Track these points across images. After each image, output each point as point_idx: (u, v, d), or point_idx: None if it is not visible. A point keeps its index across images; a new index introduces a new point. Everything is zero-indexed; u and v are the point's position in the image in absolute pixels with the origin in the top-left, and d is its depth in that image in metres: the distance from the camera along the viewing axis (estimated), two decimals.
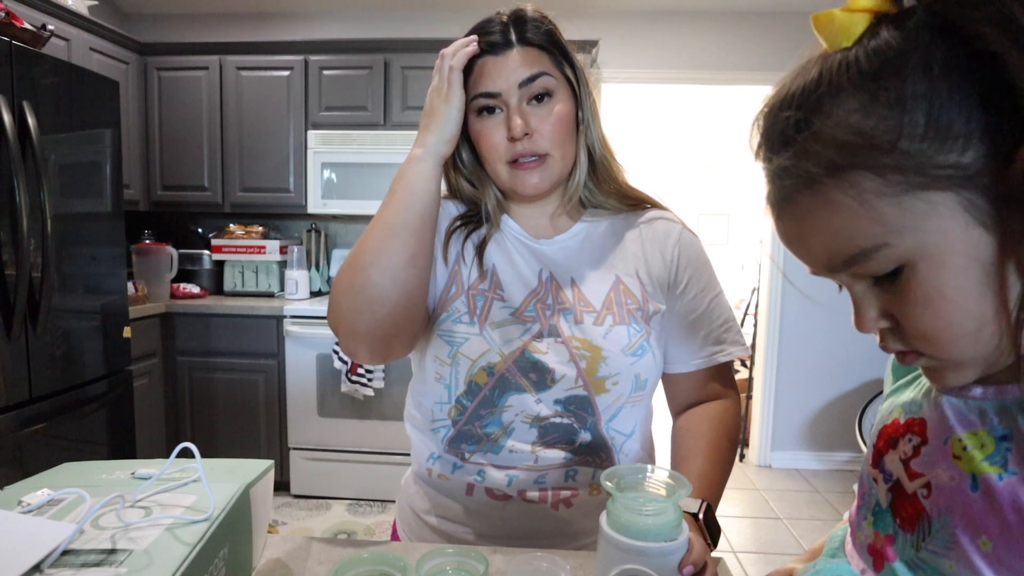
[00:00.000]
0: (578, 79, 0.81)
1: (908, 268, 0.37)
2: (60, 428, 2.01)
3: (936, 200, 0.35)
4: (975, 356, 0.38)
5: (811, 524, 2.68)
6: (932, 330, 0.38)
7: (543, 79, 0.77)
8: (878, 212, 0.36)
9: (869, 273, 0.39)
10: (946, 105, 0.34)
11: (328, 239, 3.34)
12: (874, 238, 0.37)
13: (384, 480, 2.76)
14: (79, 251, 2.08)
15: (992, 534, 0.38)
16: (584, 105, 0.81)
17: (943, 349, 0.39)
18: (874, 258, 0.38)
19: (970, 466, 0.40)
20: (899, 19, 0.36)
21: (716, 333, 0.84)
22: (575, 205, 0.85)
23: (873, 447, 0.49)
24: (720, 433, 0.80)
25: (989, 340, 0.37)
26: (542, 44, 0.78)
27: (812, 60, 0.41)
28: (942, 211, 0.35)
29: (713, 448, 0.79)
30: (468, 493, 0.82)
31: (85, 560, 0.48)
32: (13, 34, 1.89)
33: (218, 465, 0.66)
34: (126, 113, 2.74)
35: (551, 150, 0.78)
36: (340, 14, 3.22)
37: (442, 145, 0.76)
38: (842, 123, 0.36)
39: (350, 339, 0.76)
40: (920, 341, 0.39)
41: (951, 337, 0.38)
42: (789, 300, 3.28)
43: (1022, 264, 0.35)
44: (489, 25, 0.79)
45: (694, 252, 0.86)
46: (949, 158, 0.34)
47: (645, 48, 3.16)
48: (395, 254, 0.73)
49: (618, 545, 0.54)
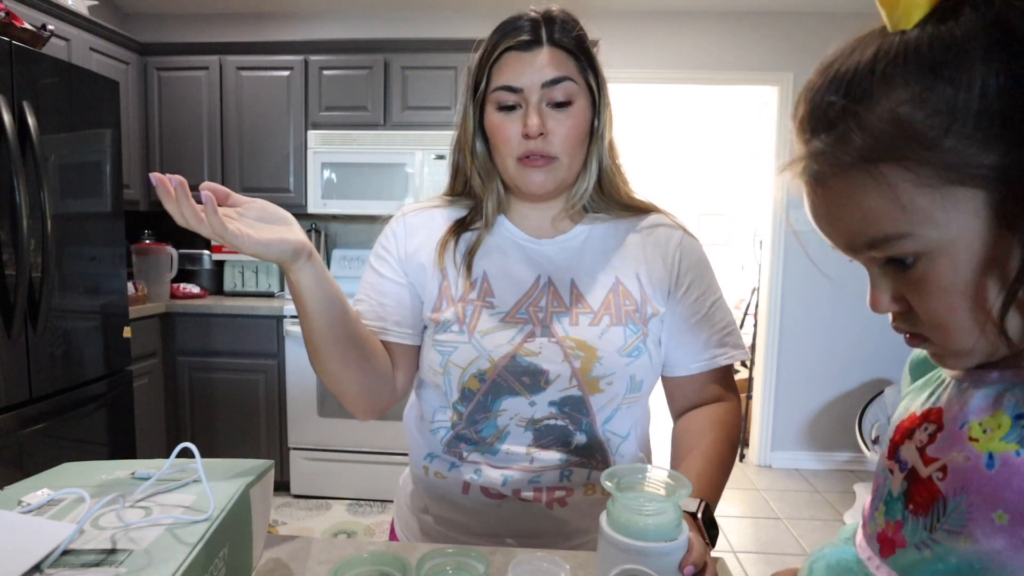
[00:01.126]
0: (599, 88, 0.81)
1: (926, 258, 0.38)
2: (60, 428, 2.01)
3: (967, 196, 0.36)
4: (978, 348, 0.40)
5: (811, 524, 2.68)
6: (942, 320, 0.39)
7: (567, 84, 0.77)
8: (907, 202, 0.37)
9: (888, 257, 0.40)
10: (997, 107, 0.34)
11: (328, 239, 3.34)
12: (899, 226, 0.38)
13: (384, 480, 2.76)
14: (79, 251, 2.08)
15: (1009, 507, 0.38)
16: (601, 115, 0.81)
17: (949, 339, 0.40)
18: (896, 245, 0.39)
19: (987, 446, 0.40)
20: (962, 7, 0.36)
21: (718, 336, 0.84)
22: (578, 210, 0.86)
23: (889, 441, 0.50)
24: (720, 435, 0.80)
25: (993, 335, 0.38)
26: (571, 48, 0.78)
27: (871, 35, 0.40)
28: (970, 208, 0.36)
29: (713, 449, 0.79)
30: (464, 492, 0.83)
31: (85, 560, 0.48)
32: (13, 34, 1.89)
33: (218, 465, 0.66)
34: (126, 113, 2.74)
35: (561, 155, 0.78)
36: (340, 14, 3.22)
37: (284, 257, 0.67)
38: (889, 114, 0.37)
39: (344, 404, 0.82)
40: (928, 328, 0.41)
41: (958, 328, 0.39)
42: (789, 300, 3.28)
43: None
44: (518, 21, 0.78)
45: (696, 256, 0.86)
46: (989, 158, 0.35)
47: (645, 48, 3.16)
48: (329, 363, 0.76)
49: (618, 545, 0.54)
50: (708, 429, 0.81)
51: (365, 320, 0.83)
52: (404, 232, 0.87)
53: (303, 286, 0.69)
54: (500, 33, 0.78)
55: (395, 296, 0.85)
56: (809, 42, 3.09)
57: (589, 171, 0.83)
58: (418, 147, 2.83)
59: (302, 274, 0.68)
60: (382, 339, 0.83)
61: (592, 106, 0.80)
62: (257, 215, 0.67)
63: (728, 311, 0.87)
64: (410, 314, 0.85)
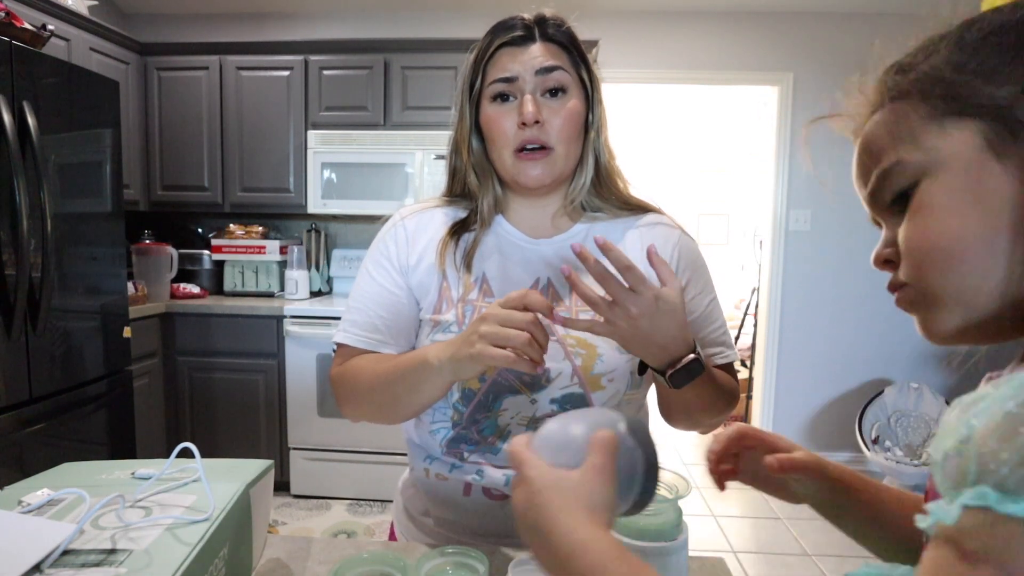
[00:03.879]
0: (592, 83, 0.82)
1: (922, 187, 0.41)
2: (60, 428, 2.01)
3: (960, 125, 0.39)
4: (952, 291, 0.40)
5: (811, 524, 2.67)
6: (914, 243, 0.41)
7: (560, 72, 0.78)
8: (903, 132, 0.41)
9: (891, 194, 0.42)
10: (1007, 49, 0.38)
11: (328, 239, 3.34)
12: (891, 156, 0.41)
13: (384, 480, 2.76)
14: (79, 251, 2.08)
15: None
16: (595, 110, 0.83)
17: (922, 271, 0.41)
18: (891, 176, 0.42)
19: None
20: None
21: (714, 335, 0.84)
22: (576, 207, 0.86)
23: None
24: (723, 374, 0.83)
25: (968, 273, 0.39)
26: (562, 42, 0.80)
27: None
28: (960, 135, 0.39)
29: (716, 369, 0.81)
30: (466, 493, 0.82)
31: (85, 560, 0.48)
32: (13, 34, 1.89)
33: (218, 465, 0.66)
34: (126, 113, 2.74)
35: (557, 144, 0.79)
36: (340, 14, 3.22)
37: (461, 374, 0.71)
38: (929, 67, 0.41)
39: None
40: (906, 260, 0.42)
41: (929, 252, 0.40)
42: (789, 300, 3.28)
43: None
44: (511, 21, 0.81)
45: (693, 255, 0.86)
46: (987, 90, 0.38)
47: (645, 48, 3.16)
48: (394, 413, 0.80)
49: None
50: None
51: (358, 331, 0.84)
52: (405, 239, 0.86)
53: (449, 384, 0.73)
54: (494, 32, 0.80)
55: (392, 307, 0.85)
56: (809, 42, 3.10)
57: (586, 166, 0.83)
58: (418, 147, 2.83)
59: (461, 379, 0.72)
60: (376, 351, 0.84)
61: (585, 100, 0.82)
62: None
63: (721, 313, 0.88)
64: (406, 324, 0.85)
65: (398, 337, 0.84)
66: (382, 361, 0.81)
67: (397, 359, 0.78)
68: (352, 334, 0.84)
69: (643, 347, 0.68)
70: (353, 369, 0.83)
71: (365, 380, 0.80)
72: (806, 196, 3.20)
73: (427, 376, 0.72)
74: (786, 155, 3.20)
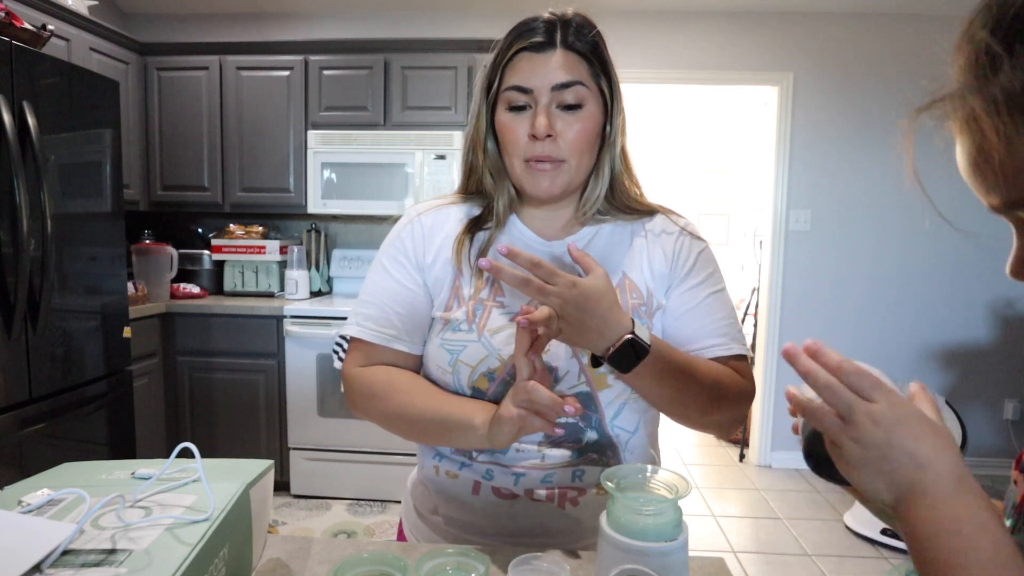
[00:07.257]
0: (613, 94, 0.80)
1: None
2: (60, 428, 2.01)
3: None
4: None
5: (811, 524, 2.68)
6: None
7: (577, 88, 0.76)
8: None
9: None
10: None
11: (328, 239, 3.34)
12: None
13: (384, 480, 2.76)
14: (79, 251, 2.08)
15: None
16: (614, 121, 0.81)
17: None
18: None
19: None
20: None
21: (712, 327, 0.83)
22: (589, 217, 0.85)
23: (1021, 450, 0.51)
24: (716, 368, 0.79)
25: None
26: (584, 52, 0.78)
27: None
28: None
29: (703, 363, 0.79)
30: (475, 492, 0.82)
31: (85, 560, 0.48)
32: (13, 34, 1.89)
33: (218, 465, 0.66)
34: (126, 113, 2.74)
35: (568, 158, 0.78)
36: (340, 14, 3.22)
37: (498, 441, 0.73)
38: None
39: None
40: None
41: None
42: (789, 300, 3.28)
43: None
44: (533, 23, 0.78)
45: (696, 249, 0.86)
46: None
47: (645, 48, 3.16)
48: (413, 439, 0.84)
49: (618, 545, 0.54)
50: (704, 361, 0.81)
51: (373, 327, 0.83)
52: (422, 235, 0.86)
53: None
54: (515, 34, 0.78)
55: (408, 303, 0.84)
56: (809, 42, 3.09)
57: (601, 178, 0.82)
58: (418, 147, 2.83)
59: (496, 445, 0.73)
60: (390, 347, 0.83)
61: (604, 111, 0.80)
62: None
63: (729, 305, 0.86)
64: (421, 321, 0.84)
65: (412, 334, 0.84)
66: (418, 392, 0.80)
67: (439, 401, 0.79)
68: (367, 329, 0.83)
69: (579, 335, 0.69)
70: (380, 381, 0.82)
71: (396, 403, 0.80)
72: (806, 196, 3.20)
73: (467, 436, 0.76)
74: (786, 155, 3.20)
